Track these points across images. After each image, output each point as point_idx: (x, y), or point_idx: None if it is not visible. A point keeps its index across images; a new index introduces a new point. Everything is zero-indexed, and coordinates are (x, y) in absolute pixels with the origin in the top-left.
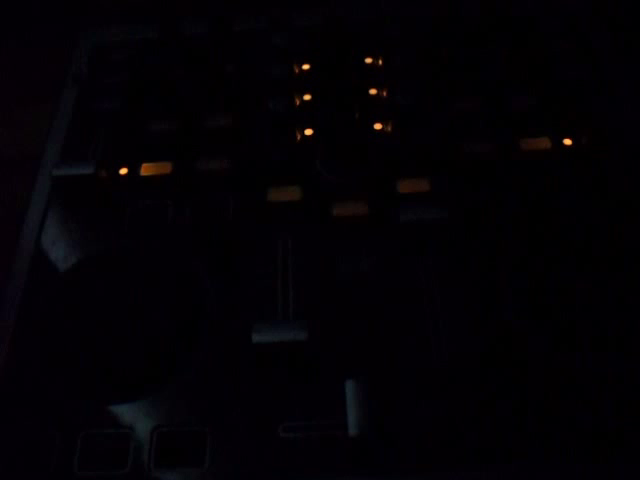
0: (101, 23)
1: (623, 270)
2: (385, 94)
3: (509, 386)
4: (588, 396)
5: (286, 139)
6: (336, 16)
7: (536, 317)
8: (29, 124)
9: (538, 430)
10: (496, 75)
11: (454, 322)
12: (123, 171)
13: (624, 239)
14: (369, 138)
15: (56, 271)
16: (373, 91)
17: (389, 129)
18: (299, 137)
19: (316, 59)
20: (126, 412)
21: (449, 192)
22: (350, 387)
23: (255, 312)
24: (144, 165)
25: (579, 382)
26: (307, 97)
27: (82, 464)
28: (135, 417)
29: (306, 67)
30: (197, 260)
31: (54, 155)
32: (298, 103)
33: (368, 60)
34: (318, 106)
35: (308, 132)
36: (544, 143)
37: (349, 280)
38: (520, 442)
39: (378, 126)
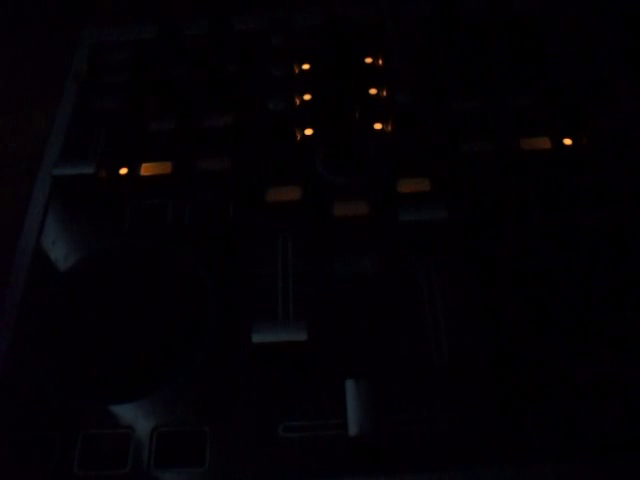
0: (101, 23)
1: (623, 269)
2: (385, 94)
3: (509, 386)
4: (588, 396)
5: (286, 139)
6: (336, 16)
7: (536, 317)
8: (29, 124)
9: (538, 430)
10: (496, 75)
11: (454, 322)
12: (123, 171)
13: (624, 239)
14: (369, 138)
15: (56, 271)
16: (373, 91)
17: (389, 129)
18: (299, 137)
19: (316, 59)
20: (126, 412)
21: (449, 192)
22: (350, 387)
23: (255, 312)
24: (144, 165)
25: (579, 382)
26: (307, 97)
27: (82, 464)
28: (135, 417)
29: (306, 67)
30: (197, 260)
31: (54, 155)
32: (298, 103)
33: (368, 60)
34: (318, 106)
35: (308, 132)
36: (544, 143)
37: (349, 280)
38: (520, 442)
39: (378, 126)
